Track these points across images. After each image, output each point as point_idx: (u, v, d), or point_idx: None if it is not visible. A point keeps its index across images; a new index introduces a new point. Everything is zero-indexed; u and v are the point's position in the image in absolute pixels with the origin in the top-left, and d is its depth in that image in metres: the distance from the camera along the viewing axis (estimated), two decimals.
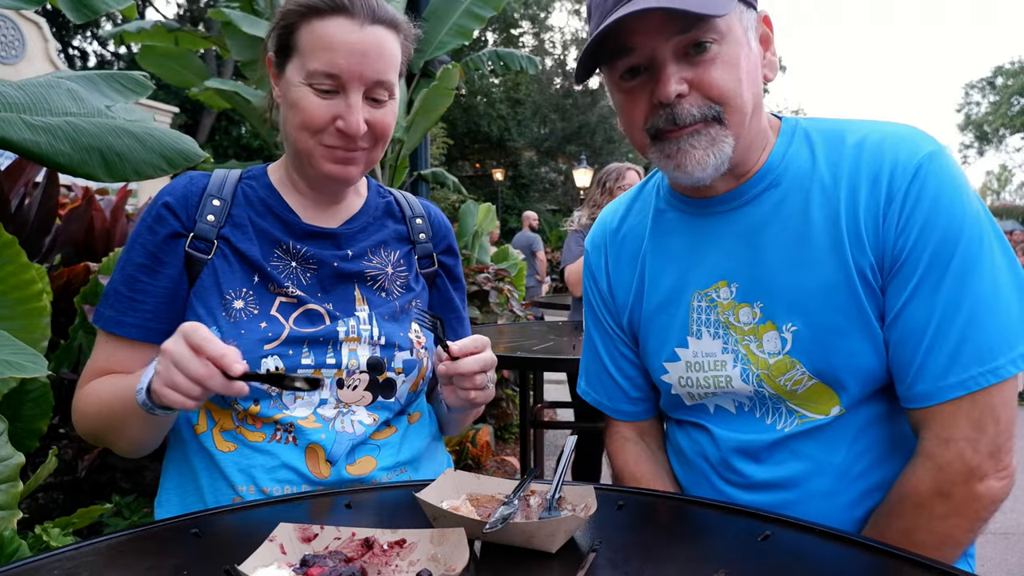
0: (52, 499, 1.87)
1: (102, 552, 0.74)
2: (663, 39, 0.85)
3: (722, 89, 0.86)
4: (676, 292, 1.02)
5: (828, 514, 0.91)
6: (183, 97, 15.09)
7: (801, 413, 0.95)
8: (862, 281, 0.88)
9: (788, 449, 0.95)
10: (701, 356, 1.00)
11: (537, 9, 30.76)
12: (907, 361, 0.87)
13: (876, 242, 0.87)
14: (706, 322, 0.99)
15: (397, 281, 1.14)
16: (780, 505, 0.94)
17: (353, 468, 1.02)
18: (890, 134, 0.90)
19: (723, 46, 0.86)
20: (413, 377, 1.09)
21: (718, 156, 0.88)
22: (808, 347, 0.91)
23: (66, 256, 2.24)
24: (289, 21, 1.00)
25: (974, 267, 0.83)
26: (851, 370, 0.90)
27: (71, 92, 1.32)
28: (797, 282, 0.91)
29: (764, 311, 0.94)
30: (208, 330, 0.82)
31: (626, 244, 1.11)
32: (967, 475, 0.83)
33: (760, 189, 0.96)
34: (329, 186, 1.08)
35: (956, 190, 0.85)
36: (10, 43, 12.57)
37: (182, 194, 1.05)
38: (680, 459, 1.10)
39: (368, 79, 0.98)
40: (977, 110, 48.16)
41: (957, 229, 0.84)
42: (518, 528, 0.72)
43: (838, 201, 0.89)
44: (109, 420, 0.98)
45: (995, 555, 3.20)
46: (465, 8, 5.10)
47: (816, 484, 0.94)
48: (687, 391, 1.03)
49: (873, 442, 0.93)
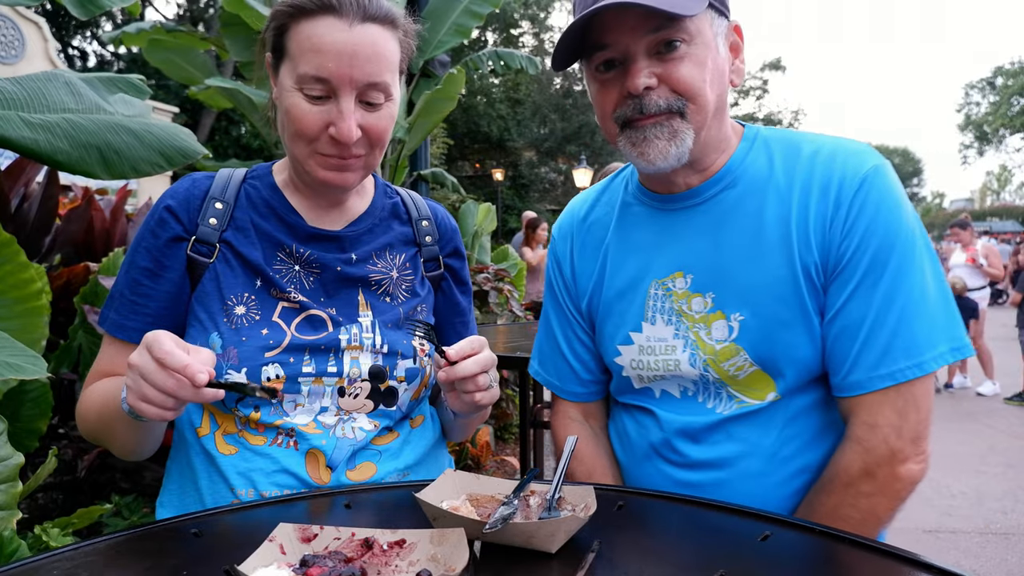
0: (52, 499, 1.87)
1: (102, 552, 0.74)
2: (637, 36, 0.93)
3: (687, 84, 0.94)
4: (636, 280, 1.09)
5: (757, 493, 1.00)
6: (183, 97, 15.07)
7: (740, 399, 1.03)
8: (806, 278, 0.96)
9: (725, 431, 1.03)
10: (654, 340, 1.07)
11: (537, 9, 30.76)
12: (844, 353, 0.95)
13: (822, 243, 0.96)
14: (661, 309, 1.06)
15: (402, 285, 1.12)
16: (714, 483, 1.03)
17: (353, 474, 1.02)
18: (841, 148, 0.99)
19: (692, 46, 0.94)
20: (415, 385, 1.08)
21: (679, 147, 0.96)
22: (753, 336, 0.99)
23: (66, 256, 2.24)
24: (280, 22, 0.97)
25: (907, 272, 0.93)
26: (789, 359, 0.98)
27: (69, 85, 1.31)
28: (747, 276, 0.99)
29: (715, 301, 1.02)
30: (171, 340, 0.79)
31: (592, 233, 1.18)
32: (891, 458, 0.92)
33: (720, 188, 1.03)
34: (328, 191, 1.07)
35: (895, 202, 0.95)
36: (10, 43, 12.56)
37: (184, 197, 1.04)
38: (624, 442, 1.17)
39: (359, 82, 0.94)
40: (977, 110, 48.15)
41: (893, 237, 0.93)
42: (518, 528, 0.71)
43: (790, 204, 0.98)
44: (101, 424, 0.98)
45: (995, 555, 3.20)
46: (464, 7, 5.10)
47: (748, 465, 1.01)
48: (637, 373, 1.10)
49: (802, 428, 1.01)
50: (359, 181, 1.04)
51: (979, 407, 6.39)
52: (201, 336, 0.99)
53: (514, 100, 28.43)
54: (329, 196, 1.09)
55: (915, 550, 0.70)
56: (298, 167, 1.03)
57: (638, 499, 0.91)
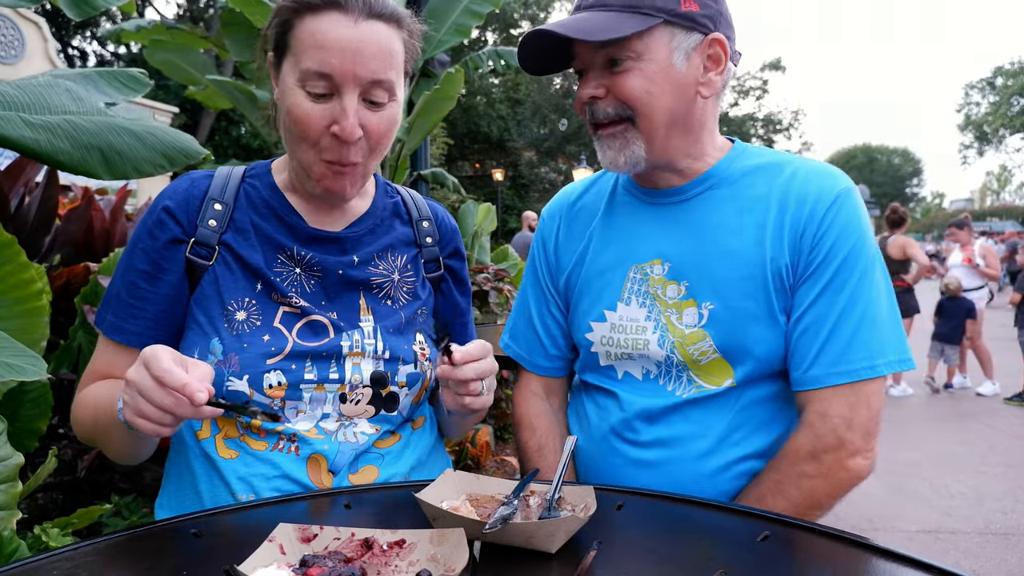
0: (51, 499, 1.87)
1: (101, 552, 0.74)
2: (592, 53, 1.05)
3: (630, 95, 1.03)
4: (616, 262, 1.17)
5: (698, 472, 1.09)
6: (182, 97, 15.07)
7: (699, 383, 1.10)
8: (775, 279, 1.05)
9: (681, 413, 1.11)
10: (626, 320, 1.15)
11: (537, 9, 30.75)
12: (806, 349, 1.04)
13: (793, 249, 1.05)
14: (637, 292, 1.15)
15: (404, 288, 1.11)
16: (660, 461, 1.11)
17: (356, 478, 1.01)
18: (817, 170, 1.09)
19: (639, 62, 1.03)
20: (416, 390, 1.07)
21: (628, 156, 1.07)
22: (720, 324, 1.07)
23: (66, 256, 2.24)
24: (284, 18, 0.95)
25: (868, 284, 1.03)
26: (749, 350, 1.06)
27: (70, 91, 1.31)
28: (721, 270, 1.07)
29: (688, 289, 1.10)
30: (169, 357, 0.77)
31: (580, 215, 1.27)
32: (838, 446, 1.00)
33: (703, 188, 1.13)
34: (329, 198, 1.06)
35: (860, 221, 1.05)
36: (9, 43, 12.56)
37: (183, 198, 1.02)
38: (583, 424, 1.24)
39: (363, 79, 0.92)
40: (977, 110, 48.17)
41: (858, 250, 1.03)
42: (518, 528, 0.72)
43: (768, 212, 1.07)
44: (96, 429, 0.97)
45: (995, 555, 3.20)
46: (465, 6, 5.09)
47: (696, 445, 1.09)
48: (606, 350, 1.17)
49: (752, 417, 1.09)
50: (357, 191, 1.03)
51: (979, 407, 6.39)
52: (201, 341, 0.98)
53: (514, 100, 28.42)
54: (329, 200, 1.08)
55: (915, 550, 0.70)
56: (300, 173, 1.02)
57: (638, 499, 0.91)
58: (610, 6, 1.02)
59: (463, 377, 0.93)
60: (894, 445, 5.07)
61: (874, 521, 3.66)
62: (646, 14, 1.00)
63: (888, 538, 3.41)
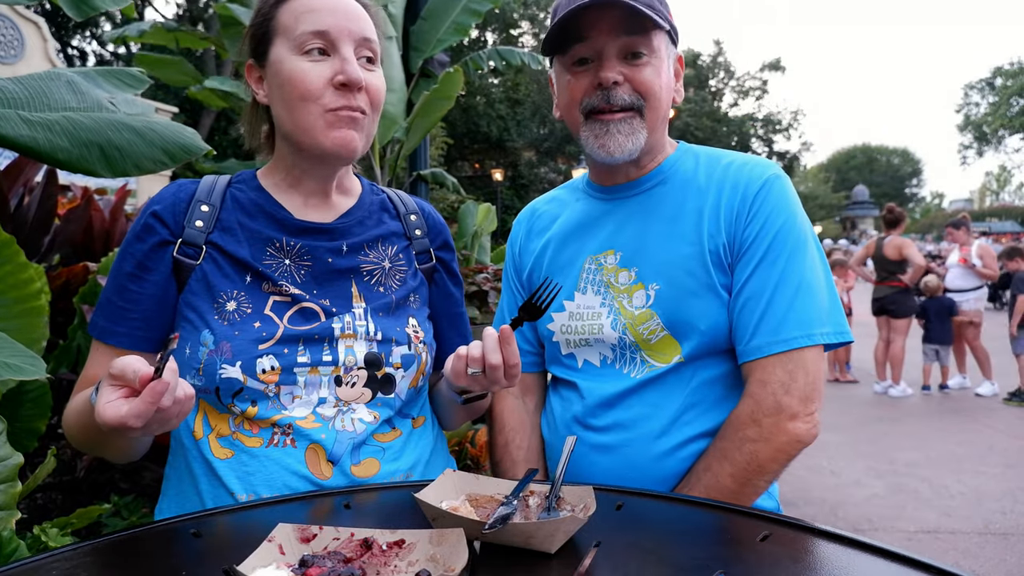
0: (51, 499, 1.87)
1: (101, 552, 0.74)
2: (612, 38, 1.11)
3: (648, 86, 1.13)
4: (573, 256, 1.27)
5: (652, 452, 1.14)
6: (182, 97, 15.06)
7: (650, 363, 1.17)
8: (713, 256, 1.13)
9: (636, 395, 1.17)
10: (583, 308, 1.23)
11: (536, 9, 30.76)
12: (747, 322, 1.10)
13: (729, 230, 1.13)
14: (592, 281, 1.23)
15: (395, 275, 1.13)
16: (617, 444, 1.16)
17: (358, 469, 1.01)
18: (750, 160, 1.20)
19: (652, 60, 1.13)
20: (412, 372, 1.08)
21: (634, 143, 1.15)
22: (665, 303, 1.15)
23: (65, 256, 2.24)
24: (267, 8, 1.02)
25: (800, 259, 1.11)
26: (693, 325, 1.13)
27: (71, 85, 1.31)
28: (664, 253, 1.16)
29: (637, 274, 1.19)
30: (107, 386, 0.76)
31: (541, 219, 1.39)
32: (777, 410, 1.06)
33: (652, 184, 1.23)
34: (330, 165, 1.06)
35: (790, 201, 1.14)
36: (9, 43, 12.55)
37: (171, 202, 1.04)
38: (548, 419, 1.31)
39: (356, 34, 1.00)
40: (976, 111, 48.22)
41: (788, 228, 1.12)
42: (517, 528, 0.72)
43: (706, 198, 1.16)
44: (86, 436, 0.97)
45: (995, 555, 3.20)
46: (464, 5, 5.10)
47: (649, 426, 1.15)
48: (566, 338, 1.25)
49: (703, 397, 1.15)
50: (362, 148, 1.04)
51: (978, 407, 6.39)
52: (192, 336, 0.99)
53: (513, 100, 28.43)
54: (325, 180, 1.09)
55: (914, 550, 0.70)
56: (304, 139, 1.01)
57: (638, 499, 0.91)
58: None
59: (495, 363, 0.96)
60: (893, 445, 5.08)
61: (873, 521, 3.66)
62: (660, 15, 1.11)
63: (887, 538, 3.41)
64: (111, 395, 0.75)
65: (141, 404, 0.73)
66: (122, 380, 0.75)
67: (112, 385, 0.76)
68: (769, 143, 41.17)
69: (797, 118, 41.60)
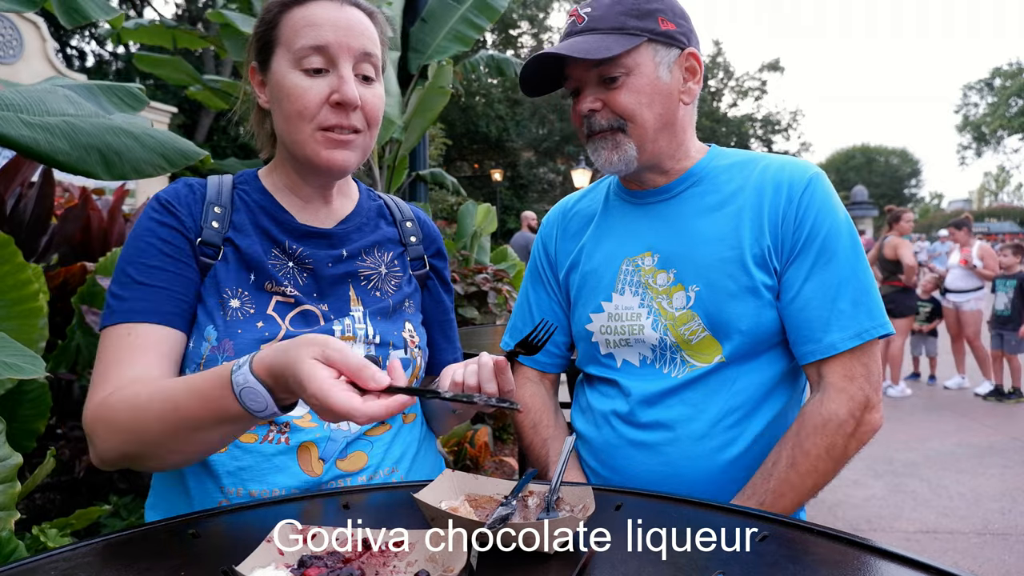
0: (50, 500, 1.87)
1: (99, 553, 0.74)
2: (586, 71, 1.16)
3: (623, 108, 1.15)
4: (610, 258, 1.28)
5: (700, 453, 1.15)
6: (181, 97, 15.05)
7: (691, 363, 1.18)
8: (757, 259, 1.14)
9: (677, 396, 1.18)
10: (622, 309, 1.24)
11: (536, 10, 30.77)
12: (815, 320, 1.12)
13: (775, 232, 1.15)
14: (630, 282, 1.24)
15: (391, 281, 1.15)
16: (658, 443, 1.17)
17: (344, 463, 1.02)
18: (789, 162, 1.21)
19: (631, 77, 1.14)
20: (407, 376, 1.09)
21: (621, 157, 1.18)
22: (705, 304, 1.16)
23: (63, 256, 2.24)
24: (271, 16, 1.01)
25: (855, 253, 1.14)
26: (735, 325, 1.14)
27: (68, 97, 1.31)
28: (703, 255, 1.17)
29: (676, 276, 1.20)
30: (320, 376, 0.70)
31: (575, 219, 1.39)
32: (866, 404, 1.10)
33: (685, 187, 1.24)
34: (324, 178, 1.08)
35: (833, 199, 1.17)
36: (8, 43, 12.53)
37: (185, 201, 1.04)
38: (585, 412, 1.32)
39: (356, 50, 0.99)
40: (975, 111, 48.26)
41: (838, 226, 1.14)
42: (516, 529, 0.71)
43: (744, 200, 1.18)
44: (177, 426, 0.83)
45: (994, 555, 3.20)
46: (463, 15, 5.10)
47: (691, 428, 1.16)
48: (605, 338, 1.26)
49: (746, 399, 1.16)
50: (356, 163, 1.05)
51: (977, 407, 6.40)
52: (197, 331, 0.99)
53: (513, 100, 28.42)
54: (322, 186, 1.10)
55: (913, 550, 0.70)
56: (298, 152, 1.02)
57: (637, 499, 0.91)
58: (599, 30, 1.13)
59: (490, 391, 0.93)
60: (892, 445, 5.08)
61: (872, 521, 3.66)
62: (632, 34, 1.13)
63: (887, 538, 3.41)
64: (333, 379, 0.70)
65: (382, 409, 0.70)
66: (347, 370, 0.71)
67: (325, 366, 0.71)
68: (768, 143, 41.19)
69: (796, 118, 41.66)
